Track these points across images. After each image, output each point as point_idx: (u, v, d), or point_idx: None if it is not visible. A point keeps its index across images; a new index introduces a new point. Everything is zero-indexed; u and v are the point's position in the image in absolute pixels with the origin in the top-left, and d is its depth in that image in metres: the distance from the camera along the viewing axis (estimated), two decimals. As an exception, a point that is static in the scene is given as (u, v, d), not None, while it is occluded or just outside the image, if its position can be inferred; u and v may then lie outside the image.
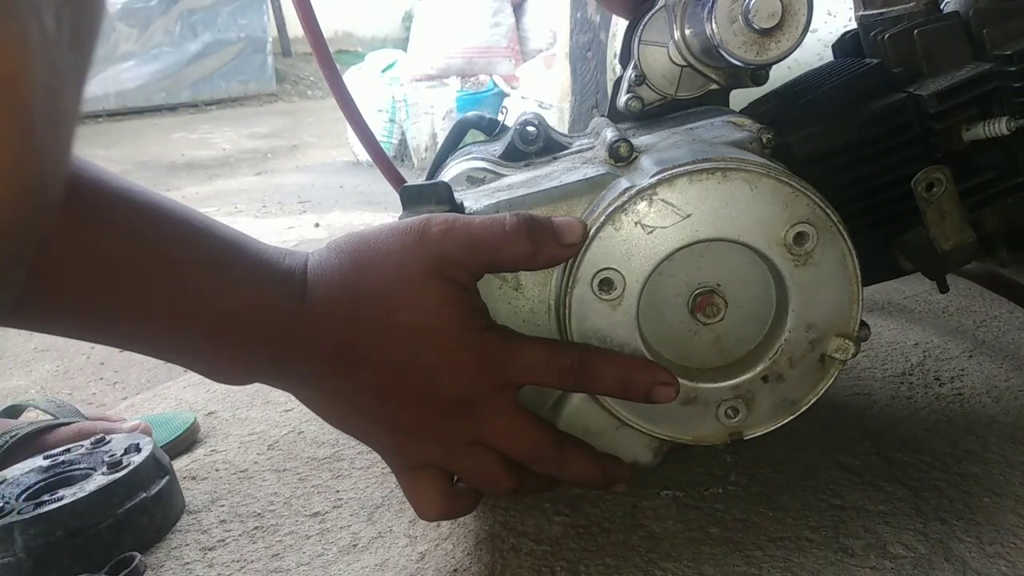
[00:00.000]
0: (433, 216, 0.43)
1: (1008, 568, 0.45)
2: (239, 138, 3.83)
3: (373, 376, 0.42)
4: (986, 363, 0.70)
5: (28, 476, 0.58)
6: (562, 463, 0.46)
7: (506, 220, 0.42)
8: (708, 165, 0.43)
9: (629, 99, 0.55)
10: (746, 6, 0.46)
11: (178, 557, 0.55)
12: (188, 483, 0.65)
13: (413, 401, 0.43)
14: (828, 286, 0.45)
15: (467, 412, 0.43)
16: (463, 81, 2.70)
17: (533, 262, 0.43)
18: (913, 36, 0.53)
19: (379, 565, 0.51)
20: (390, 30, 6.36)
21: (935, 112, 0.51)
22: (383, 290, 0.41)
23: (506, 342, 0.43)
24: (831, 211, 0.44)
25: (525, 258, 0.43)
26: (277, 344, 0.41)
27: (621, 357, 0.44)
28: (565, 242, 0.43)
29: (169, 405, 0.83)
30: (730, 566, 0.47)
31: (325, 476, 0.63)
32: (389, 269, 0.41)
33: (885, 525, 0.50)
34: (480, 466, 0.45)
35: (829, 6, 0.95)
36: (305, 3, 0.73)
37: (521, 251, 0.42)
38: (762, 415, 0.47)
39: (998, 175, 0.53)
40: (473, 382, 0.42)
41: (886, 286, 0.89)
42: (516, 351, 0.43)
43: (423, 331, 0.41)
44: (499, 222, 0.42)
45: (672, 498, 0.55)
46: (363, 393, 0.43)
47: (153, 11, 4.62)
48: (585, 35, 1.41)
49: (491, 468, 0.45)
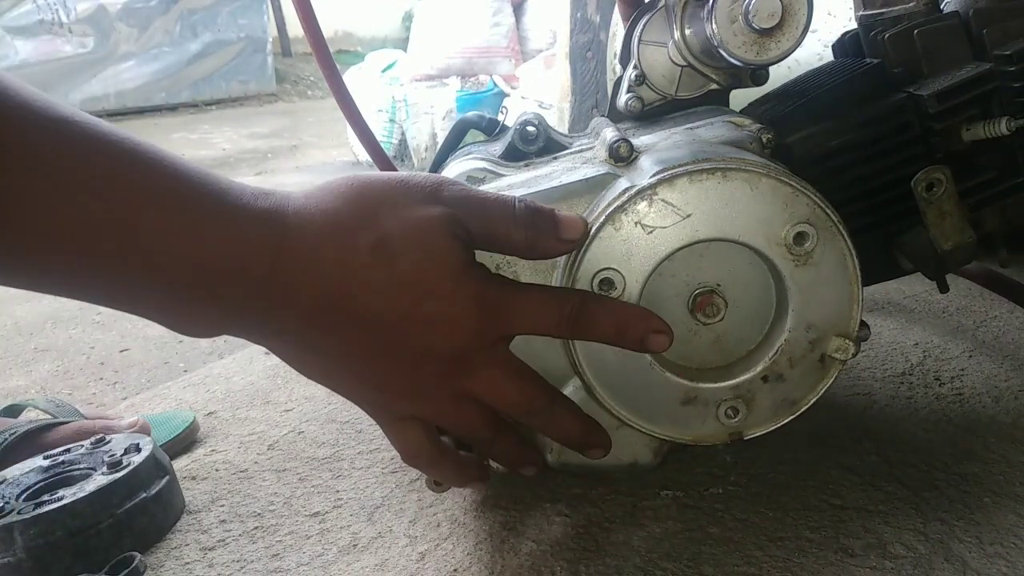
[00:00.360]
0: (447, 179, 0.42)
1: (1008, 568, 0.45)
2: (239, 138, 3.83)
3: (365, 333, 0.40)
4: (986, 363, 0.70)
5: (28, 476, 0.58)
6: (551, 417, 0.45)
7: (515, 202, 0.42)
8: (708, 165, 0.43)
9: (629, 99, 0.55)
10: (746, 6, 0.46)
11: (178, 557, 0.55)
12: (188, 483, 0.65)
13: (407, 359, 0.41)
14: (828, 286, 0.45)
15: (461, 367, 0.42)
16: (463, 81, 2.71)
17: (530, 251, 0.43)
18: (913, 36, 0.53)
19: (379, 565, 0.51)
20: (390, 30, 6.36)
21: (935, 112, 0.51)
22: (387, 239, 0.38)
23: (507, 290, 0.42)
24: (831, 211, 0.44)
25: (523, 244, 0.42)
26: (251, 296, 0.37)
27: (619, 304, 0.44)
28: (564, 237, 0.43)
29: (169, 405, 0.83)
30: (730, 566, 0.47)
31: (325, 476, 0.63)
32: (396, 219, 0.39)
33: (885, 525, 0.50)
34: (463, 416, 0.44)
35: (829, 6, 0.95)
36: (305, 3, 0.73)
37: (520, 237, 0.42)
38: (762, 415, 0.47)
39: (998, 175, 0.53)
40: (473, 335, 0.41)
41: (886, 286, 0.89)
42: (516, 299, 0.42)
43: (427, 281, 0.39)
44: (509, 202, 0.42)
45: (672, 498, 0.55)
46: (352, 352, 0.40)
47: (153, 11, 4.62)
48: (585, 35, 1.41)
49: (474, 418, 0.44)
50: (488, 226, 0.42)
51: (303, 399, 0.80)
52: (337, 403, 0.78)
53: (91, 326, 1.30)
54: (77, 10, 4.34)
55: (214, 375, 0.91)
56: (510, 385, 0.44)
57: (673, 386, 0.46)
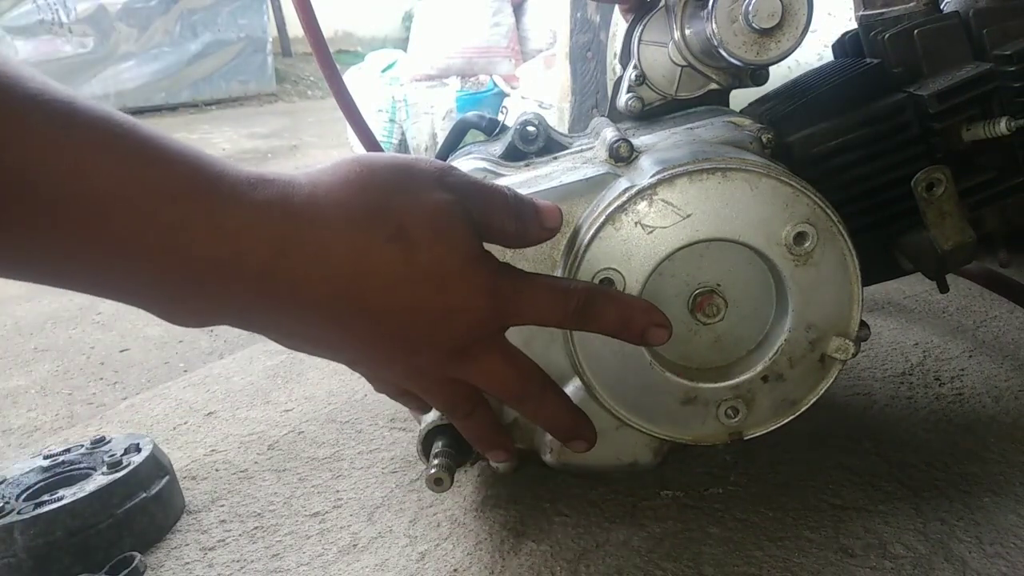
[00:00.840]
0: (450, 165, 0.42)
1: (1008, 568, 0.45)
2: (239, 138, 3.83)
3: (371, 325, 0.39)
4: (986, 363, 0.70)
5: (28, 476, 0.59)
6: (541, 403, 0.45)
7: (507, 190, 0.43)
8: (708, 165, 0.43)
9: (629, 99, 0.55)
10: (746, 6, 0.46)
11: (178, 557, 0.55)
12: (188, 483, 0.65)
13: (409, 347, 0.40)
14: (828, 286, 0.45)
15: (461, 354, 0.42)
16: (463, 81, 2.70)
17: (519, 239, 0.43)
18: (913, 36, 0.53)
19: (379, 565, 0.51)
20: (390, 30, 6.36)
21: (935, 112, 0.51)
22: (404, 230, 0.37)
23: (517, 280, 0.42)
24: (831, 211, 0.44)
25: (514, 233, 0.43)
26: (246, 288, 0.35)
27: (624, 297, 0.44)
28: (546, 225, 0.43)
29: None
30: (730, 566, 0.47)
31: (325, 476, 0.63)
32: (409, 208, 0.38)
33: (885, 525, 0.50)
34: (447, 392, 0.45)
35: (829, 6, 0.95)
36: (305, 3, 0.73)
37: (512, 226, 0.42)
38: (762, 415, 0.47)
39: (998, 175, 0.53)
40: (481, 324, 0.41)
41: (886, 286, 0.89)
42: (525, 289, 0.42)
43: (444, 271, 0.38)
44: (503, 190, 0.43)
45: (672, 498, 0.55)
46: (356, 343, 0.40)
47: (153, 11, 4.61)
48: (585, 35, 1.41)
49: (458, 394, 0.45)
50: (487, 215, 0.42)
51: (303, 399, 0.80)
52: (337, 403, 0.78)
53: (91, 326, 1.30)
54: (77, 10, 4.34)
55: (214, 375, 0.91)
56: (506, 371, 0.44)
57: (673, 386, 0.46)
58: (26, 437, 0.89)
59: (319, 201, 0.37)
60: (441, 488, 0.54)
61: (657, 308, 0.44)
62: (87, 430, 0.80)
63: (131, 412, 0.83)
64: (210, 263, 0.34)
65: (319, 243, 0.36)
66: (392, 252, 0.37)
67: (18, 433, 0.91)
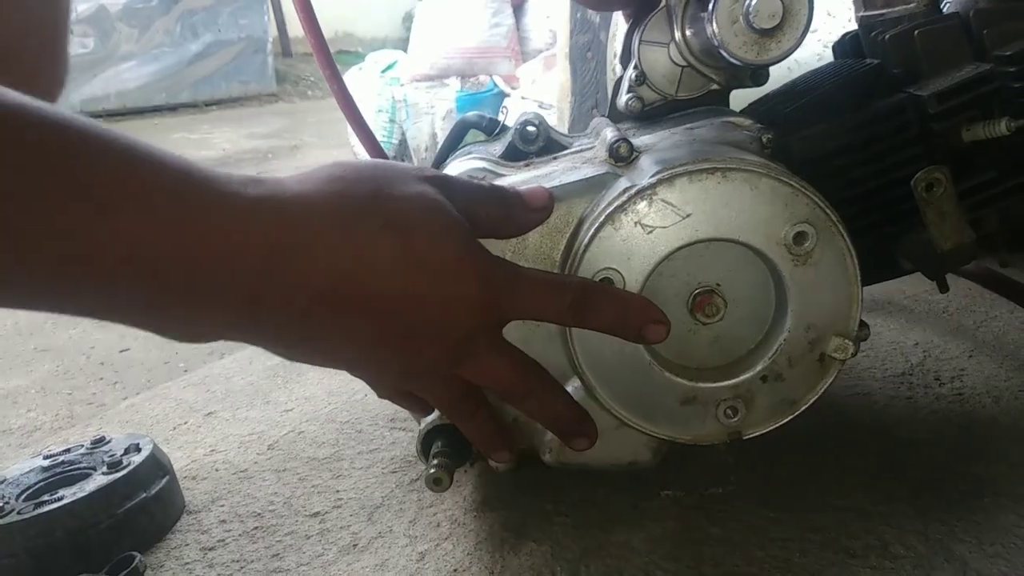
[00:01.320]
0: (425, 167, 0.43)
1: (1008, 568, 0.45)
2: (239, 138, 3.83)
3: (372, 321, 0.38)
4: (986, 363, 0.70)
5: (28, 476, 0.59)
6: (543, 400, 0.46)
7: (486, 183, 0.44)
8: (708, 165, 0.43)
9: (629, 99, 0.55)
10: (747, 6, 0.46)
11: (178, 557, 0.55)
12: (188, 483, 0.65)
13: (413, 346, 0.40)
14: (827, 286, 0.45)
15: (463, 350, 0.42)
16: (463, 81, 2.70)
17: (507, 226, 0.44)
18: (913, 37, 0.53)
19: (379, 565, 0.51)
20: (390, 30, 6.36)
21: (935, 112, 0.51)
22: (397, 216, 0.37)
23: (511, 272, 0.42)
24: (831, 211, 0.44)
25: (500, 220, 0.44)
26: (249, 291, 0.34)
27: (620, 294, 0.44)
28: (534, 207, 0.44)
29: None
30: (731, 566, 0.47)
31: (325, 476, 0.63)
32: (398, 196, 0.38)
33: (886, 525, 0.50)
34: (448, 392, 0.45)
35: (829, 6, 0.95)
36: (306, 4, 0.73)
37: (496, 213, 0.43)
38: (761, 415, 0.47)
39: (998, 175, 0.53)
40: (479, 318, 0.41)
41: (886, 286, 0.89)
42: (520, 282, 0.42)
43: (440, 256, 0.38)
44: (481, 184, 0.44)
45: (672, 498, 0.55)
46: (357, 342, 0.39)
47: (153, 11, 4.62)
48: (585, 35, 1.41)
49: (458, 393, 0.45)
50: (470, 203, 0.42)
51: (303, 399, 0.80)
52: (337, 403, 0.78)
53: (91, 326, 1.30)
54: (78, 10, 4.34)
55: (214, 375, 0.91)
56: (507, 368, 0.44)
57: (673, 386, 0.46)
58: (26, 437, 0.89)
59: (310, 197, 0.37)
60: (441, 488, 0.54)
61: (654, 305, 0.44)
62: (87, 430, 0.80)
63: (131, 412, 0.83)
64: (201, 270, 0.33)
65: (314, 235, 0.36)
66: (387, 240, 0.37)
67: (18, 433, 0.91)
